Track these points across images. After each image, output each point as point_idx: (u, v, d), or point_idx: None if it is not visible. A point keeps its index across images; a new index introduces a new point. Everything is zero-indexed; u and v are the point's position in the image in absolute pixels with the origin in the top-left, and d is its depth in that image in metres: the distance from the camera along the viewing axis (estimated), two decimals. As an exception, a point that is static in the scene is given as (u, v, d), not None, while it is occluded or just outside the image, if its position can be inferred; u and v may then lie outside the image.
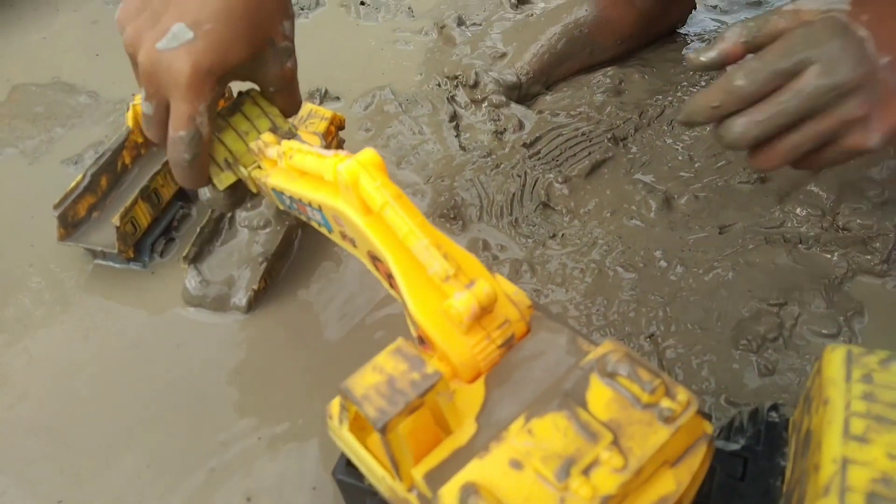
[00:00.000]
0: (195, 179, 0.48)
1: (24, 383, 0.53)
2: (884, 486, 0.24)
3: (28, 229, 0.64)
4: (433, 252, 0.32)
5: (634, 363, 0.28)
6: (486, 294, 0.31)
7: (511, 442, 0.27)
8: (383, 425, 0.26)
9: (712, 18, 0.83)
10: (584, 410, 0.28)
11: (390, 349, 0.29)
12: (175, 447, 0.48)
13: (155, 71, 0.43)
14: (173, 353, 0.54)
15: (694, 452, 0.28)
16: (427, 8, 0.90)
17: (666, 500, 0.27)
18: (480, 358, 0.31)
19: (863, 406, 0.26)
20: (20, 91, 0.80)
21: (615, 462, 0.26)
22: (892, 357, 0.27)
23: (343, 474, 0.34)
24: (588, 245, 0.58)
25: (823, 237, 0.56)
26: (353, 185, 0.35)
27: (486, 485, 0.26)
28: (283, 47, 0.48)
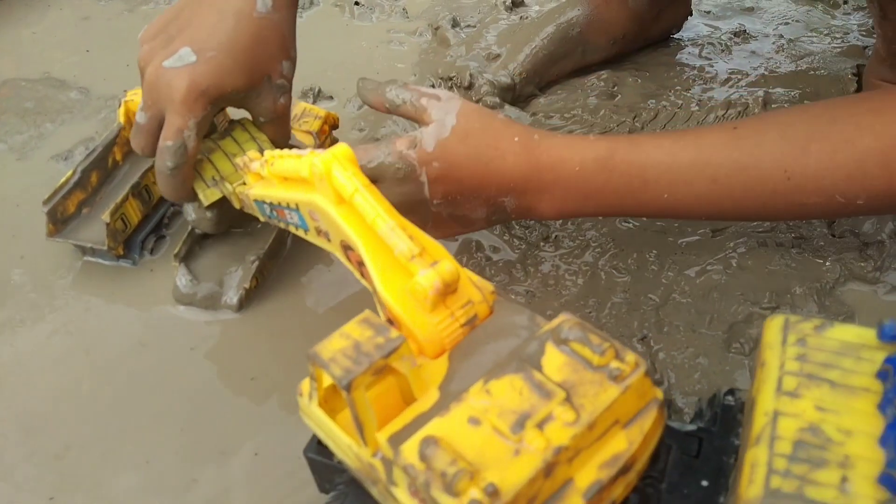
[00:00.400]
0: (176, 190, 0.51)
1: (11, 381, 0.52)
2: (811, 434, 0.25)
3: (15, 225, 0.63)
4: (399, 233, 0.34)
5: (586, 330, 0.30)
6: (449, 272, 0.32)
7: (470, 401, 0.29)
8: (348, 383, 0.27)
9: (705, 24, 0.84)
10: (539, 372, 0.29)
11: (357, 319, 0.30)
12: (165, 446, 0.48)
13: (156, 85, 0.48)
14: (162, 351, 0.53)
15: (645, 415, 0.29)
16: (421, 9, 0.90)
17: (618, 458, 0.28)
18: (444, 335, 0.33)
19: (796, 366, 0.28)
20: (10, 86, 0.79)
21: (567, 416, 0.27)
22: (826, 323, 0.29)
23: (313, 453, 0.35)
24: (581, 247, 0.58)
25: (816, 243, 0.56)
26: (327, 175, 0.37)
27: (444, 438, 0.27)
28: (279, 84, 0.52)
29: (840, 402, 0.26)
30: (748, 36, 0.81)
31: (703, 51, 0.79)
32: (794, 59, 0.76)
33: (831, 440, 0.25)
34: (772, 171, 0.44)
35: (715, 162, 0.45)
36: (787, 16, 0.84)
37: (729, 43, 0.80)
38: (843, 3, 0.85)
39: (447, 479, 0.25)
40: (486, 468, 0.26)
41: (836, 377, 0.27)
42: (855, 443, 0.25)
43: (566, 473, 0.27)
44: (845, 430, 0.25)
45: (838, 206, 0.44)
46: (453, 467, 0.26)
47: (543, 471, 0.26)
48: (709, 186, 0.45)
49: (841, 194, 0.43)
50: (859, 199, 0.43)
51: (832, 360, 0.28)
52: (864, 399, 0.26)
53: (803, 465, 0.24)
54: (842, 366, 0.27)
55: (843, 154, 0.43)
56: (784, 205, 0.45)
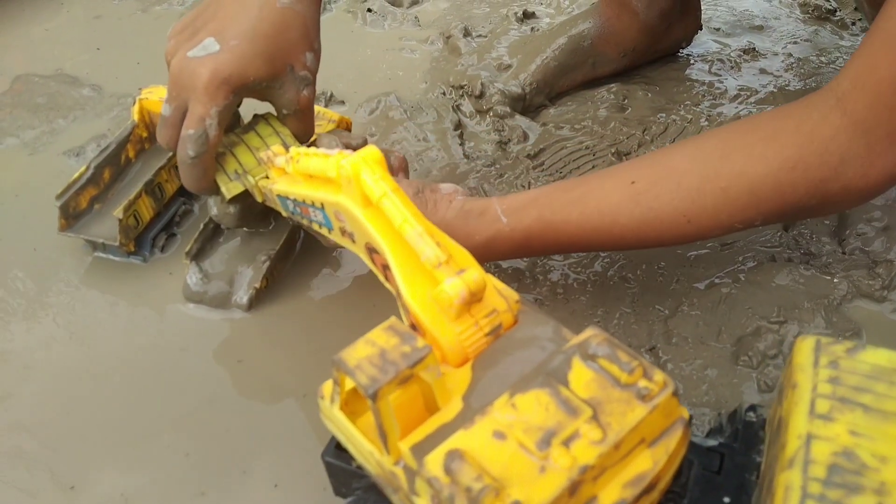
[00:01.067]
0: (197, 181, 0.51)
1: (14, 376, 0.52)
2: (845, 458, 0.25)
3: (27, 219, 0.63)
4: (427, 239, 0.34)
5: (615, 347, 0.30)
6: (475, 281, 0.32)
7: (495, 415, 0.28)
8: (374, 392, 0.27)
9: (714, 40, 0.85)
10: (565, 388, 0.29)
11: (383, 326, 0.30)
12: (172, 445, 0.48)
13: (181, 74, 0.48)
14: (171, 349, 0.53)
15: (671, 434, 0.29)
16: (433, 18, 0.91)
17: (643, 477, 0.28)
18: (468, 344, 0.33)
19: (828, 388, 0.28)
20: (22, 81, 0.80)
21: (594, 435, 0.27)
22: (859, 346, 0.29)
23: (331, 457, 0.34)
24: (590, 257, 0.58)
25: (825, 260, 0.57)
26: (355, 177, 0.37)
27: (469, 452, 0.27)
28: (303, 76, 0.52)
29: (874, 426, 0.26)
30: (757, 53, 0.81)
31: (712, 67, 0.80)
32: (802, 78, 0.77)
33: (866, 465, 0.25)
34: (673, 219, 0.46)
35: (620, 223, 0.47)
36: (795, 35, 0.85)
37: (738, 60, 0.80)
38: (852, 24, 0.86)
39: (472, 494, 0.25)
40: (511, 484, 0.26)
41: (870, 401, 0.27)
42: (890, 469, 0.25)
43: (591, 492, 0.27)
44: (880, 456, 0.25)
45: (738, 229, 0.47)
46: (479, 483, 0.25)
47: (569, 489, 0.26)
48: (617, 242, 0.48)
49: (739, 222, 0.46)
50: (756, 221, 0.46)
51: (865, 383, 0.28)
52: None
53: (838, 489, 0.24)
54: (875, 390, 0.27)
55: (736, 188, 0.45)
56: (689, 239, 0.48)
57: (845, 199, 0.46)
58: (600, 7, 0.76)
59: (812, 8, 0.89)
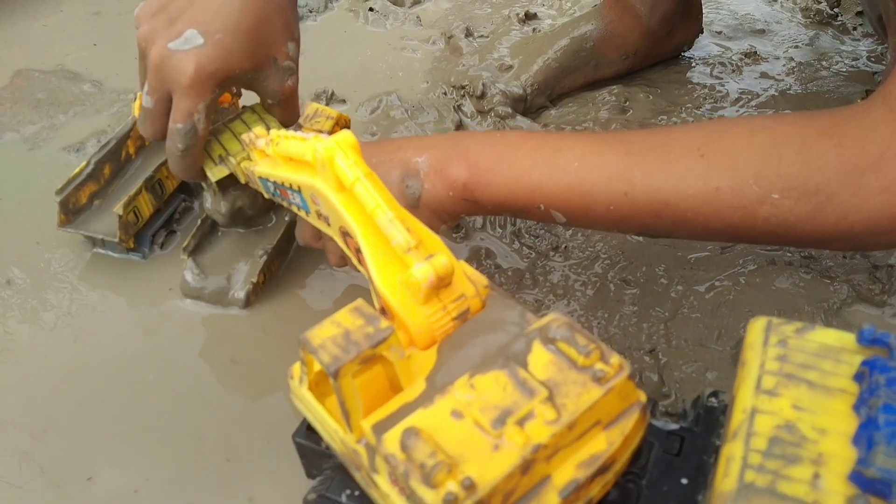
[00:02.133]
0: (186, 170, 0.52)
1: (15, 370, 0.52)
2: (786, 431, 0.26)
3: (26, 214, 0.63)
4: (397, 225, 0.35)
5: (574, 330, 0.30)
6: (443, 266, 0.33)
7: (454, 395, 0.29)
8: (335, 370, 0.28)
9: (716, 44, 0.85)
10: (524, 370, 0.29)
11: (349, 307, 0.30)
12: (169, 441, 0.47)
13: (164, 67, 0.48)
14: (168, 345, 0.53)
15: (627, 417, 0.29)
16: (435, 18, 0.91)
17: (597, 458, 0.28)
18: (436, 327, 0.33)
19: (776, 366, 0.28)
20: (23, 76, 0.79)
21: (548, 415, 0.28)
22: (808, 326, 0.29)
23: (301, 437, 0.35)
24: (590, 258, 0.58)
25: (825, 263, 0.57)
26: (330, 162, 0.37)
27: (426, 430, 0.28)
28: (286, 66, 0.52)
29: (817, 401, 0.27)
30: (759, 57, 0.81)
31: (714, 70, 0.80)
32: (803, 82, 0.77)
33: (806, 438, 0.25)
34: (686, 150, 0.43)
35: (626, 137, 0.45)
36: (797, 39, 0.85)
37: (740, 63, 0.80)
38: (853, 29, 0.86)
39: (426, 470, 0.26)
40: (464, 462, 0.27)
41: (815, 378, 0.27)
42: (829, 441, 0.25)
43: (544, 471, 0.28)
44: (820, 429, 0.26)
45: (752, 196, 0.41)
46: (432, 459, 0.26)
47: (521, 467, 0.27)
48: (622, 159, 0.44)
49: (755, 179, 0.41)
50: (774, 191, 0.40)
51: (812, 361, 0.28)
52: (840, 400, 0.27)
53: (777, 460, 0.25)
54: (821, 367, 0.28)
55: (759, 137, 0.42)
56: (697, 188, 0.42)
57: (886, 207, 0.39)
58: (603, 9, 0.76)
59: (813, 13, 0.89)
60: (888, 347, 0.27)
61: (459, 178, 0.47)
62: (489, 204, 0.48)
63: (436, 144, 0.49)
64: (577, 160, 0.45)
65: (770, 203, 0.41)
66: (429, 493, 0.26)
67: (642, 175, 0.43)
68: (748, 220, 0.42)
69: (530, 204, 0.46)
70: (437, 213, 0.49)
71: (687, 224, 0.43)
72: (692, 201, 0.42)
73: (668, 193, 0.43)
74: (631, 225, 0.45)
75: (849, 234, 0.40)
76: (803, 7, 0.90)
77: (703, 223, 0.43)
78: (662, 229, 0.45)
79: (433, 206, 0.48)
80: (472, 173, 0.47)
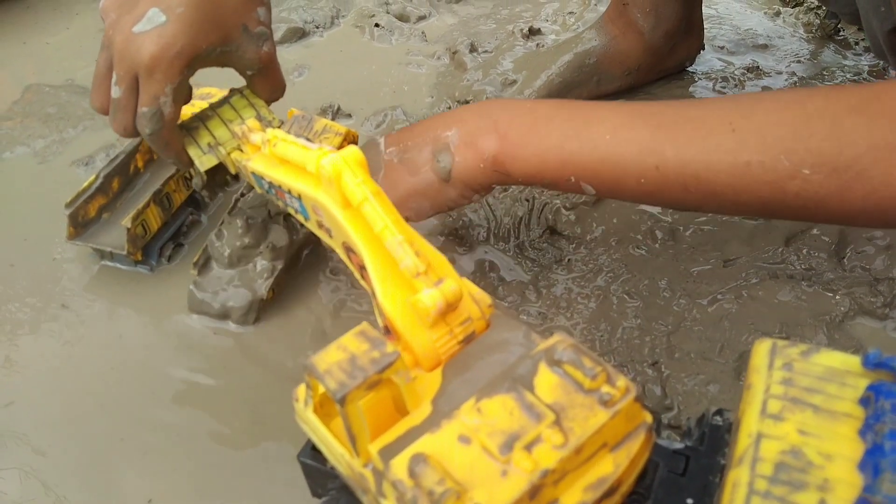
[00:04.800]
0: (162, 151, 0.51)
1: (24, 381, 0.52)
2: (792, 456, 0.26)
3: (35, 227, 0.64)
4: (406, 248, 0.34)
5: (580, 353, 0.30)
6: (452, 292, 0.33)
7: (461, 419, 0.29)
8: (342, 397, 0.28)
9: (719, 58, 0.85)
10: (530, 393, 0.30)
11: (354, 331, 0.30)
12: (174, 455, 0.48)
13: (128, 52, 0.46)
14: (175, 358, 0.54)
15: (633, 438, 0.29)
16: (440, 33, 0.92)
17: (604, 480, 0.28)
18: (442, 351, 0.33)
19: (781, 389, 0.28)
20: (33, 91, 0.81)
21: (556, 440, 0.28)
22: (813, 349, 0.29)
23: (307, 457, 0.35)
24: (593, 271, 0.59)
25: (827, 276, 0.57)
26: (336, 179, 0.37)
27: (434, 455, 0.28)
28: (258, 32, 0.50)
29: (822, 426, 0.27)
30: (761, 72, 0.82)
31: (716, 85, 0.80)
32: (805, 97, 0.78)
33: (812, 463, 0.26)
34: (717, 124, 0.43)
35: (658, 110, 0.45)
36: (799, 54, 0.86)
37: (742, 78, 0.81)
38: (855, 44, 0.87)
39: (434, 497, 0.26)
40: (472, 488, 0.27)
41: (820, 402, 0.27)
42: (835, 467, 0.25)
43: (552, 495, 0.28)
44: (826, 454, 0.26)
45: (783, 170, 0.41)
46: (441, 486, 0.26)
47: (529, 493, 0.27)
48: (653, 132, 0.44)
49: (786, 154, 0.41)
50: (804, 166, 0.40)
51: (817, 385, 0.28)
52: (846, 424, 0.26)
53: (783, 486, 0.25)
54: (826, 391, 0.28)
55: (790, 112, 0.41)
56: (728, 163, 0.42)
57: None
58: (606, 25, 0.77)
59: (816, 28, 0.89)
60: (893, 371, 0.27)
61: (490, 150, 0.47)
62: (520, 175, 0.47)
63: (464, 118, 0.48)
64: (609, 133, 0.44)
65: (801, 178, 0.40)
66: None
67: (673, 149, 0.43)
68: (778, 195, 0.41)
69: (561, 176, 0.46)
70: (469, 184, 0.48)
71: (717, 198, 0.43)
72: (723, 176, 0.42)
73: (698, 168, 0.42)
74: (661, 198, 0.45)
75: (877, 210, 0.40)
76: (805, 22, 0.91)
77: (732, 197, 0.43)
78: (692, 203, 0.44)
79: (465, 178, 0.48)
80: (502, 145, 0.46)
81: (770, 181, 0.41)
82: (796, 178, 0.41)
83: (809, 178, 0.40)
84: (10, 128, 0.76)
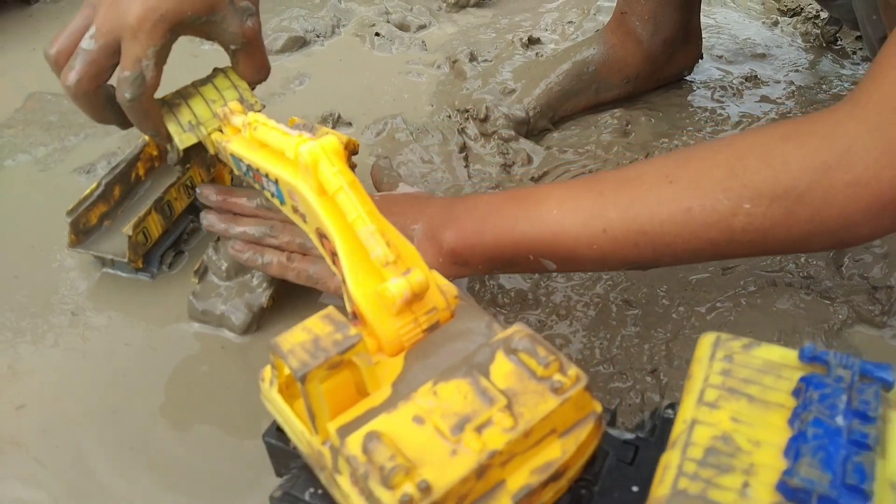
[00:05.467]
0: (139, 122, 0.52)
1: (25, 389, 0.52)
2: (722, 442, 0.27)
3: (37, 235, 0.64)
4: (377, 238, 0.36)
5: (535, 342, 0.31)
6: (419, 283, 0.34)
7: (417, 401, 0.30)
8: (303, 375, 0.29)
9: (717, 68, 0.86)
10: (485, 379, 0.31)
11: (320, 314, 0.31)
12: (169, 466, 0.48)
13: (114, 11, 0.47)
14: (175, 366, 0.54)
15: (582, 427, 0.30)
16: (440, 43, 0.92)
17: (550, 465, 0.29)
18: (406, 338, 0.34)
19: (719, 380, 0.29)
20: (35, 99, 0.81)
21: (506, 423, 0.29)
22: (754, 343, 0.30)
23: (271, 437, 0.36)
24: (592, 279, 0.59)
25: (825, 284, 0.57)
26: (313, 166, 0.38)
27: (388, 434, 0.29)
28: (243, 6, 0.51)
29: (755, 415, 0.28)
30: (759, 81, 0.83)
31: (715, 93, 0.81)
32: (804, 106, 0.78)
33: (741, 449, 0.27)
34: (655, 180, 0.44)
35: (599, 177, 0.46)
36: (797, 63, 0.86)
37: (740, 87, 0.81)
38: (853, 53, 0.87)
39: (384, 472, 0.27)
40: (422, 465, 0.28)
41: (755, 392, 0.28)
42: (762, 452, 0.26)
43: (499, 476, 0.29)
44: (755, 441, 0.27)
45: (724, 209, 0.42)
46: (391, 462, 0.27)
47: (476, 472, 0.28)
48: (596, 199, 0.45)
49: (724, 193, 0.42)
50: (744, 201, 0.41)
51: (754, 376, 0.29)
52: (777, 414, 0.28)
53: (711, 469, 0.26)
54: (762, 382, 0.29)
55: (723, 154, 0.43)
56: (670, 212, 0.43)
57: (857, 200, 0.39)
58: (605, 34, 0.78)
59: (814, 37, 0.90)
60: (827, 365, 0.28)
61: (448, 243, 0.49)
62: (479, 262, 0.49)
63: (430, 213, 0.51)
64: (555, 207, 0.46)
65: (743, 213, 0.41)
66: (386, 493, 0.27)
67: (617, 210, 0.44)
68: (726, 234, 0.42)
69: (519, 256, 0.48)
70: None
71: (669, 249, 0.44)
72: (668, 226, 0.43)
73: (643, 223, 0.44)
74: (616, 260, 0.46)
75: (824, 230, 0.41)
76: (803, 31, 0.91)
77: (682, 245, 0.43)
78: (648, 258, 0.45)
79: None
80: (458, 237, 0.48)
81: (714, 222, 0.42)
82: (739, 214, 0.41)
83: (752, 211, 0.41)
84: (13, 135, 0.76)
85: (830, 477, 0.24)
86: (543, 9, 0.99)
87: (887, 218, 0.40)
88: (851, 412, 0.26)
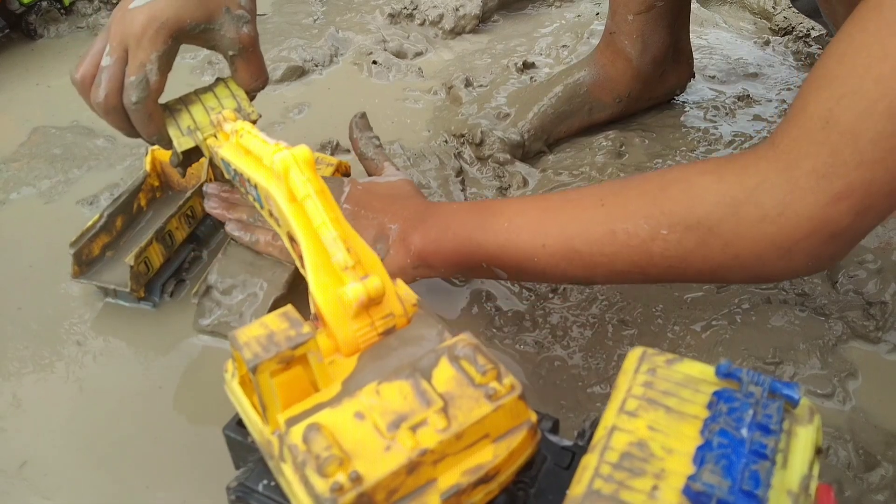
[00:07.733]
0: (143, 126, 0.55)
1: (28, 419, 0.53)
2: (637, 448, 0.29)
3: (41, 266, 0.65)
4: (339, 244, 0.38)
5: (477, 351, 0.33)
6: (375, 287, 0.36)
7: (360, 399, 0.32)
8: (254, 366, 0.31)
9: (710, 88, 0.87)
10: (426, 382, 0.32)
11: (279, 311, 0.33)
12: (185, 489, 0.48)
13: (122, 24, 0.52)
14: (178, 392, 0.54)
15: (516, 433, 0.32)
16: (436, 69, 0.94)
17: (481, 467, 0.31)
18: (362, 340, 0.36)
19: (641, 391, 0.31)
20: (40, 133, 0.83)
21: (439, 424, 0.30)
22: (677, 359, 0.32)
23: (231, 431, 0.37)
24: (588, 300, 0.60)
25: (819, 301, 0.58)
26: (284, 174, 0.40)
27: (329, 427, 0.30)
28: (238, 15, 0.55)
29: (670, 425, 0.30)
30: (752, 100, 0.84)
31: (707, 113, 0.82)
32: (796, 124, 0.79)
33: (654, 455, 0.29)
34: (591, 203, 0.48)
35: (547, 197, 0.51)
36: (789, 82, 0.87)
37: (733, 107, 0.82)
38: (843, 71, 0.88)
39: (320, 461, 0.29)
40: (357, 457, 0.29)
41: (673, 404, 0.30)
42: (673, 459, 0.28)
43: (430, 474, 0.30)
44: (668, 448, 0.29)
45: (644, 234, 0.45)
46: (327, 452, 0.29)
47: (407, 467, 0.29)
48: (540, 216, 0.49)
49: (645, 219, 0.45)
50: (662, 227, 0.44)
51: (673, 389, 0.31)
52: (691, 424, 0.30)
53: (624, 472, 0.28)
54: (680, 395, 0.31)
55: (651, 183, 0.46)
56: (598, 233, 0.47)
57: (766, 236, 0.42)
58: (595, 55, 0.79)
59: (805, 56, 0.91)
60: (740, 381, 0.30)
61: (416, 246, 0.53)
62: (442, 267, 0.53)
63: (407, 216, 0.54)
64: (507, 221, 0.50)
65: (661, 238, 0.44)
66: (319, 481, 0.28)
67: (556, 227, 0.48)
68: (646, 257, 0.45)
69: (474, 263, 0.52)
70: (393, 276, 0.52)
71: (598, 268, 0.48)
72: (597, 246, 0.47)
73: (576, 241, 0.47)
74: (554, 273, 0.49)
75: (737, 263, 0.43)
76: (794, 50, 0.93)
77: (609, 265, 0.47)
78: (580, 274, 0.49)
79: (392, 271, 0.52)
80: (424, 242, 0.52)
81: (635, 245, 0.45)
82: (657, 240, 0.45)
83: (668, 237, 0.44)
84: (18, 169, 0.77)
85: (730, 483, 0.26)
86: (538, 34, 1.01)
87: (799, 255, 0.42)
88: (756, 425, 0.28)
